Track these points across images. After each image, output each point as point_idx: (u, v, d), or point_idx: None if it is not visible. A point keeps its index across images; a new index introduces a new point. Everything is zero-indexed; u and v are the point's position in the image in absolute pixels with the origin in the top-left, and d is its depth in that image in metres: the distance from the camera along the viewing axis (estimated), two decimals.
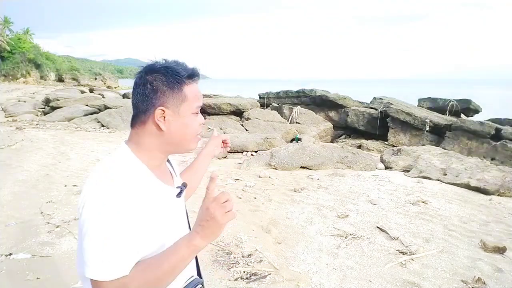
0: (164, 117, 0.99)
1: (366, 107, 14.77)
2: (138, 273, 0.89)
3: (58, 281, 2.83)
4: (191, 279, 1.08)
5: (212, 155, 1.51)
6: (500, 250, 3.62)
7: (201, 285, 1.09)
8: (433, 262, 3.41)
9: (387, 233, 4.04)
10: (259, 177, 6.43)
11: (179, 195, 1.08)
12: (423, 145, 10.65)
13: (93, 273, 0.85)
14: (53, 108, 15.48)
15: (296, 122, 13.83)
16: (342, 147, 9.00)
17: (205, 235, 0.91)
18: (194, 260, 1.16)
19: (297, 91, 17.04)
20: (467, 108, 13.93)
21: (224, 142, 1.54)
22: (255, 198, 5.20)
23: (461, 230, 4.25)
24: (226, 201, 0.91)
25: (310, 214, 4.62)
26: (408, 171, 7.38)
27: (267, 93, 18.05)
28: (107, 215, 0.86)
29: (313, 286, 2.92)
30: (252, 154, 8.63)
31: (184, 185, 1.12)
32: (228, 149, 1.58)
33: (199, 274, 1.18)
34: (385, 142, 12.53)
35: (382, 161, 8.41)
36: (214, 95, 18.43)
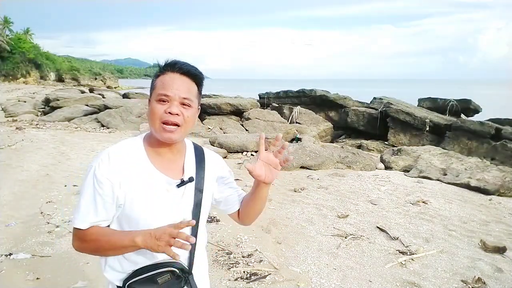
0: (148, 105, 1.17)
1: (366, 107, 14.75)
2: (93, 234, 1.11)
3: (58, 281, 2.83)
4: (169, 260, 1.14)
5: (260, 183, 1.25)
6: (500, 250, 3.62)
7: (171, 272, 1.13)
8: (433, 262, 3.41)
9: (387, 233, 4.04)
10: None
11: (178, 185, 1.16)
12: (423, 145, 10.65)
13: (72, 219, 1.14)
14: (53, 108, 15.47)
15: (296, 122, 13.82)
16: (342, 147, 9.00)
17: (146, 242, 1.03)
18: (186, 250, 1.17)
19: (297, 91, 17.03)
20: (467, 108, 13.92)
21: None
22: None
23: (461, 230, 4.25)
24: (175, 237, 0.99)
25: (310, 214, 4.62)
26: (408, 171, 7.38)
27: (267, 93, 18.04)
28: (89, 180, 1.10)
29: (313, 286, 2.92)
30: (252, 154, 8.62)
31: (190, 179, 1.19)
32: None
33: (190, 265, 1.21)
34: (385, 142, 12.52)
35: (382, 161, 8.41)
36: (214, 95, 18.42)
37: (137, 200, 1.11)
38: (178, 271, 1.15)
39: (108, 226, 1.16)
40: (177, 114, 1.11)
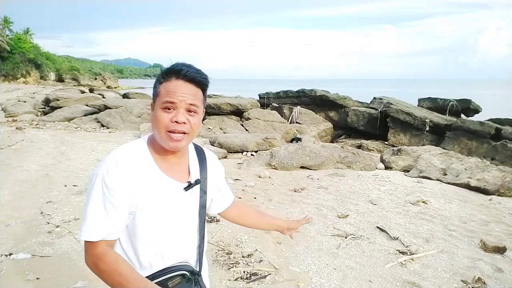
0: (151, 110, 1.15)
1: (366, 107, 14.74)
2: (114, 261, 1.03)
3: (58, 281, 2.83)
4: (179, 264, 1.17)
5: (275, 229, 1.51)
6: (500, 250, 3.62)
7: (181, 275, 1.15)
8: (433, 262, 3.41)
9: (387, 233, 4.04)
10: (259, 177, 6.43)
11: (186, 188, 1.16)
12: (423, 145, 10.64)
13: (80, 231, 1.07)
14: (53, 108, 15.47)
15: (296, 122, 13.81)
16: (342, 147, 9.00)
17: None
18: (195, 252, 1.23)
19: (297, 91, 17.02)
20: (467, 108, 13.90)
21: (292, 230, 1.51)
22: (255, 198, 5.20)
23: (461, 230, 4.25)
24: None
25: (310, 214, 4.62)
26: (408, 171, 7.38)
27: (267, 93, 18.03)
28: (96, 189, 1.04)
29: (313, 286, 2.92)
30: (252, 154, 8.62)
31: (197, 181, 1.19)
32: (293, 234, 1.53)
33: (199, 267, 1.23)
34: (385, 142, 12.51)
35: (382, 161, 8.41)
36: (214, 95, 18.41)
37: (148, 206, 1.09)
38: (188, 274, 1.16)
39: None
40: (183, 123, 1.08)
